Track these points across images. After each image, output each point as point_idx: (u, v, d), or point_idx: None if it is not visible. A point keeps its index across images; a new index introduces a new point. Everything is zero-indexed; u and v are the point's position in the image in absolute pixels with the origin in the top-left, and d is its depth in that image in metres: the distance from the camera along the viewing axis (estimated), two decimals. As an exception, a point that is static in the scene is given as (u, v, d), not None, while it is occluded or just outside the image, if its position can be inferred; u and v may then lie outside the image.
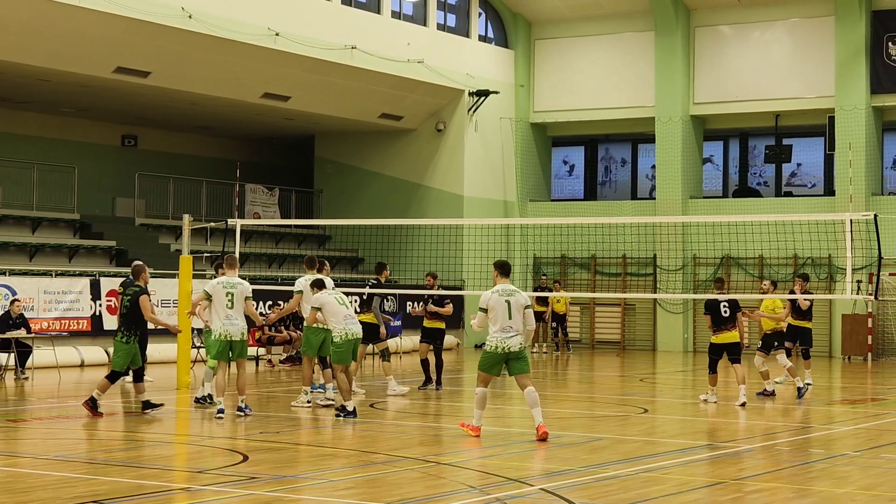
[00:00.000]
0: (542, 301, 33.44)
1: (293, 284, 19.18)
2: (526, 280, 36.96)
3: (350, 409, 16.94)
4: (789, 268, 34.58)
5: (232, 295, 16.86)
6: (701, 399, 20.41)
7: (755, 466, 13.09)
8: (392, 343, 30.49)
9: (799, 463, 13.37)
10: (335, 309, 17.20)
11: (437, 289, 21.70)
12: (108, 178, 35.20)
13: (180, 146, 37.96)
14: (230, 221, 22.55)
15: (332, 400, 18.09)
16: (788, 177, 37.17)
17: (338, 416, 16.93)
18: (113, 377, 17.13)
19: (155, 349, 23.31)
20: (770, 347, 21.63)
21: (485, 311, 15.15)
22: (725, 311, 19.54)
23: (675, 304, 35.87)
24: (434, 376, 21.79)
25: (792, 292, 22.66)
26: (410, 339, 32.44)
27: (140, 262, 18.28)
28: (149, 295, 17.45)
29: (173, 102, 32.62)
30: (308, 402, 18.23)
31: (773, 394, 20.98)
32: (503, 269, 15.37)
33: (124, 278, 21.41)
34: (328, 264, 19.73)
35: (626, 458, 13.70)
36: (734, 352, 19.69)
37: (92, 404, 16.73)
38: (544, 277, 35.13)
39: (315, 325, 17.69)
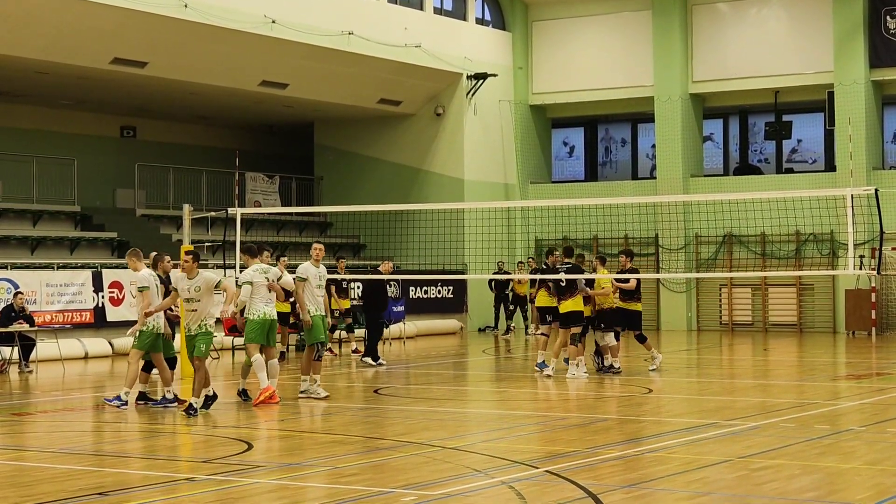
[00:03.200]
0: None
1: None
2: (527, 262, 36.92)
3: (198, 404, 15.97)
4: (791, 244, 34.56)
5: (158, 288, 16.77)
6: (571, 375, 20.38)
7: (761, 444, 13.07)
8: (395, 328, 30.56)
9: (804, 439, 13.35)
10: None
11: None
12: (108, 169, 35.18)
13: (179, 136, 37.92)
14: (230, 210, 22.52)
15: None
16: (789, 153, 37.12)
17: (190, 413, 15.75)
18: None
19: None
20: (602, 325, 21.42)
21: (250, 284, 16.70)
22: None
23: (678, 283, 35.84)
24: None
25: (633, 270, 21.88)
26: (414, 325, 32.46)
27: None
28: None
29: (171, 92, 32.58)
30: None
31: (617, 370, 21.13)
32: (252, 251, 17.25)
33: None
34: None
35: (632, 438, 13.70)
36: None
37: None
38: (531, 259, 34.41)
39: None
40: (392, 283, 30.24)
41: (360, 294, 27.97)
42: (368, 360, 23.67)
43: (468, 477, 11.16)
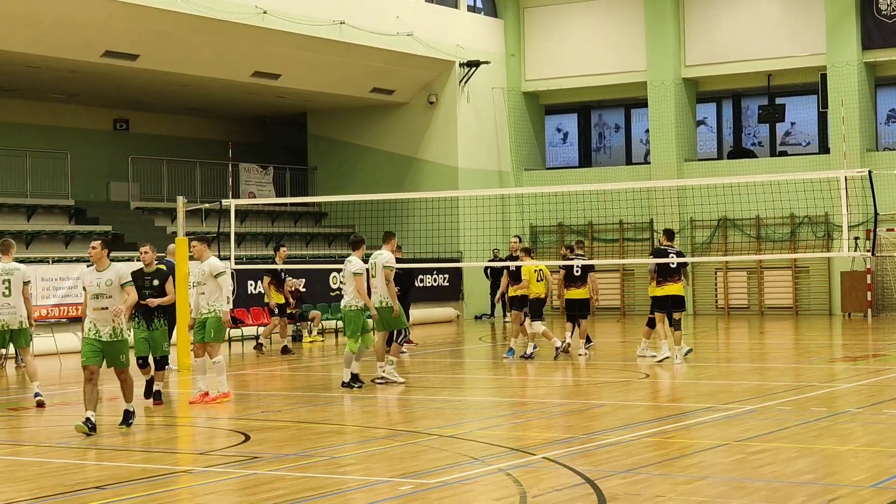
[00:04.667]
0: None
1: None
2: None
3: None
4: (786, 227, 34.57)
5: (9, 282, 16.41)
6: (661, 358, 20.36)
7: (758, 427, 13.08)
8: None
9: (801, 422, 13.37)
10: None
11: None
12: (102, 162, 35.15)
13: (172, 128, 37.88)
14: (225, 202, 22.50)
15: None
16: (782, 136, 37.13)
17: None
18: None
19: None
20: (538, 313, 21.42)
21: (226, 274, 16.35)
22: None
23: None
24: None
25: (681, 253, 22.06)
26: (409, 313, 32.43)
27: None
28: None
29: (163, 85, 32.52)
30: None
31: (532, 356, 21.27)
32: (208, 241, 16.82)
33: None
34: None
35: (629, 423, 13.70)
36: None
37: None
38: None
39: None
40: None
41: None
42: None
43: (465, 465, 11.17)
